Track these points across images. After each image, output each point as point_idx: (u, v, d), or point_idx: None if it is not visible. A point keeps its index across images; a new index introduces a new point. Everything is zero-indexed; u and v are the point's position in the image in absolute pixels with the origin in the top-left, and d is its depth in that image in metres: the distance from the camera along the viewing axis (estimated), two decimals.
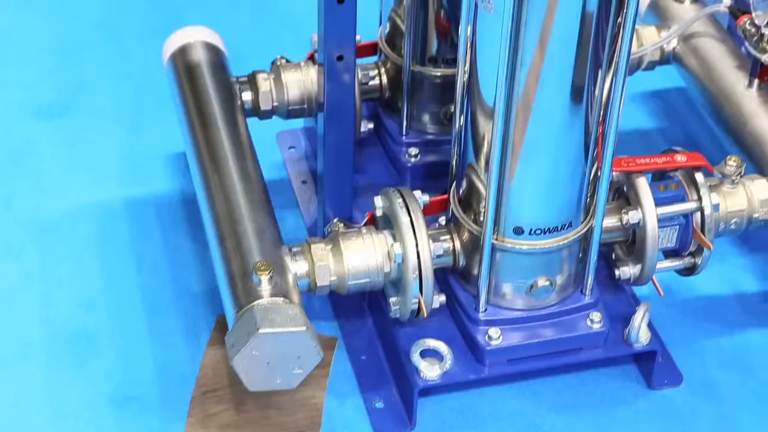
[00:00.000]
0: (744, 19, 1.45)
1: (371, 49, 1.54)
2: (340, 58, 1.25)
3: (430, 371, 1.28)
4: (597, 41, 1.14)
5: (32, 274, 1.48)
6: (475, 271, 1.28)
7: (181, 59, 1.47)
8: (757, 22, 1.43)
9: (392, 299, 1.28)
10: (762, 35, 1.43)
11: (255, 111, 1.47)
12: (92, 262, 1.50)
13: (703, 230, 1.32)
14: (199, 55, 1.47)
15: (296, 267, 1.25)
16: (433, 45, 1.45)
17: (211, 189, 1.32)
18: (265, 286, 1.20)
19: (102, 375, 1.36)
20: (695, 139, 1.68)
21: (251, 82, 1.47)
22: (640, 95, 1.76)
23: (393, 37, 1.49)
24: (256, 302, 1.19)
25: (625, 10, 1.13)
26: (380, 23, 1.51)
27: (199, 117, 1.40)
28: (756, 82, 1.47)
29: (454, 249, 1.30)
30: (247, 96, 1.46)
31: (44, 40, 1.83)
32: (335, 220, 1.33)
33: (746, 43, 1.45)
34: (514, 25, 1.10)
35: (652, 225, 1.30)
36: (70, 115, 1.71)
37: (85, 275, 1.48)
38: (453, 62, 1.40)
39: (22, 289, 1.46)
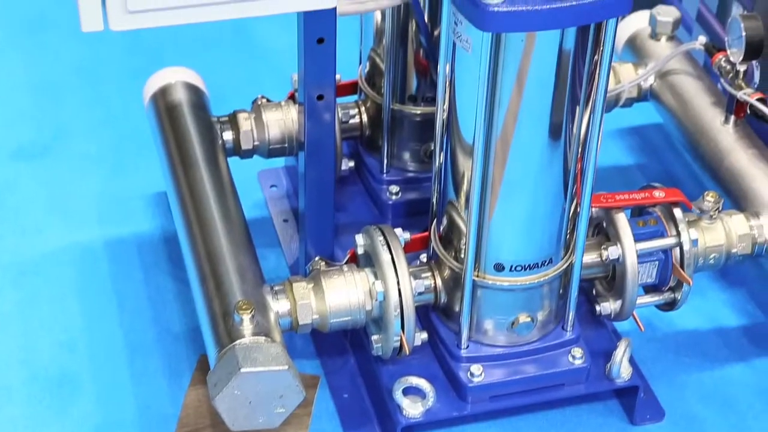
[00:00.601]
0: (719, 57, 1.47)
1: (351, 88, 1.54)
2: (320, 97, 1.26)
3: (412, 409, 1.28)
4: (574, 79, 1.15)
5: (11, 315, 1.47)
6: (457, 308, 1.29)
7: (162, 99, 1.48)
8: (732, 59, 1.45)
9: (374, 337, 1.28)
10: (737, 72, 1.45)
11: (236, 150, 1.48)
12: (72, 303, 1.49)
13: (682, 265, 1.33)
14: (180, 96, 1.48)
15: (278, 306, 1.25)
16: (413, 84, 1.46)
17: (192, 228, 1.32)
18: (246, 326, 1.20)
19: (83, 417, 1.35)
20: (673, 175, 1.69)
21: (232, 121, 1.47)
22: (618, 132, 1.77)
23: (373, 77, 1.50)
24: (237, 341, 1.19)
25: (601, 49, 1.14)
26: (360, 62, 1.52)
27: (180, 157, 1.40)
28: (732, 118, 1.48)
29: (435, 286, 1.30)
30: (228, 135, 1.47)
31: (24, 82, 1.84)
32: (317, 258, 1.33)
33: (722, 80, 1.47)
34: (491, 64, 1.12)
35: (631, 260, 1.31)
36: (50, 156, 1.71)
37: (66, 316, 1.47)
38: (432, 101, 1.41)
39: (2, 331, 1.45)
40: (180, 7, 1.04)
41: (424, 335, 1.30)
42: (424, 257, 1.34)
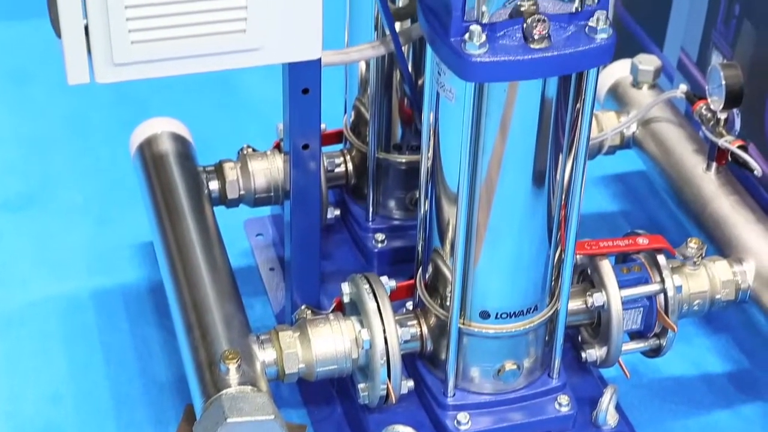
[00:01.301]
0: (700, 105, 1.49)
1: (336, 137, 1.55)
2: (305, 146, 1.27)
3: None
4: (557, 127, 1.16)
5: None
6: (443, 356, 1.29)
7: (148, 150, 1.49)
8: (712, 107, 1.46)
9: (361, 385, 1.28)
10: (718, 120, 1.46)
11: (222, 199, 1.48)
12: (58, 354, 1.49)
13: (666, 312, 1.34)
14: (166, 146, 1.48)
15: (264, 355, 1.25)
16: (398, 132, 1.47)
17: (178, 278, 1.32)
18: (233, 375, 1.20)
19: None
20: (657, 222, 1.71)
21: (218, 171, 1.48)
22: (602, 179, 1.78)
23: (358, 125, 1.51)
24: (224, 391, 1.18)
25: (583, 97, 1.15)
26: (345, 112, 1.53)
27: (166, 207, 1.41)
28: (714, 165, 1.49)
29: (421, 334, 1.30)
30: (214, 185, 1.47)
31: (11, 134, 1.84)
32: (303, 307, 1.34)
33: (703, 128, 1.49)
34: (474, 113, 1.13)
35: (616, 307, 1.31)
36: (36, 207, 1.71)
37: (52, 368, 1.47)
38: (417, 149, 1.42)
39: None
40: (165, 60, 1.05)
41: (411, 383, 1.30)
42: (410, 305, 1.35)
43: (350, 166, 1.53)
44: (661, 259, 1.35)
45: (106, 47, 1.02)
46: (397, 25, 1.34)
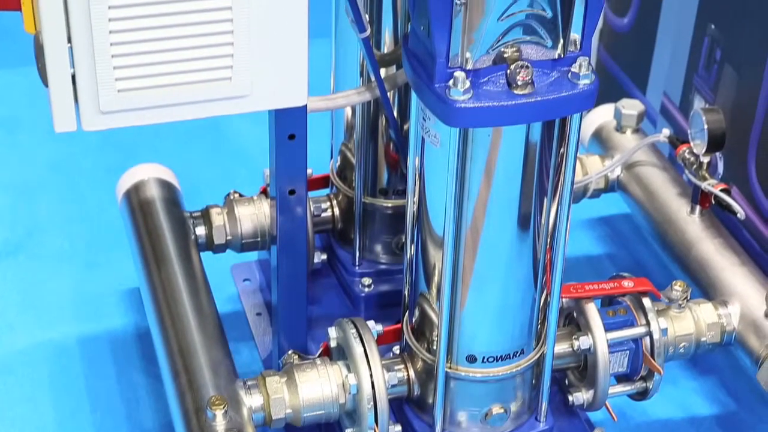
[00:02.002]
0: (683, 148, 1.50)
1: (323, 181, 1.56)
2: (292, 192, 1.27)
3: None
4: (541, 171, 1.17)
5: None
6: (430, 400, 1.29)
7: (135, 196, 1.49)
8: (695, 151, 1.48)
9: (348, 430, 1.28)
10: (701, 163, 1.48)
11: (209, 245, 1.48)
12: (45, 401, 1.48)
13: (653, 354, 1.34)
14: (153, 192, 1.49)
15: (251, 400, 1.25)
16: (384, 177, 1.48)
17: (165, 324, 1.32)
18: (219, 421, 1.19)
19: None
20: (642, 264, 1.71)
21: (205, 216, 1.48)
22: (587, 222, 1.79)
23: (344, 170, 1.52)
24: None
25: (566, 142, 1.16)
26: (331, 157, 1.54)
27: (152, 253, 1.41)
28: (698, 208, 1.50)
29: (408, 378, 1.30)
30: (200, 230, 1.48)
31: None
32: (290, 352, 1.34)
33: (687, 171, 1.50)
34: (459, 158, 1.13)
35: (602, 350, 1.31)
36: (23, 254, 1.71)
37: (39, 415, 1.46)
38: (403, 193, 1.43)
39: None
40: (152, 107, 1.05)
41: (398, 428, 1.29)
42: (397, 349, 1.35)
43: (337, 211, 1.54)
44: (646, 302, 1.35)
45: (92, 95, 1.03)
46: (383, 71, 1.36)
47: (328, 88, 1.46)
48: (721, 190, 1.45)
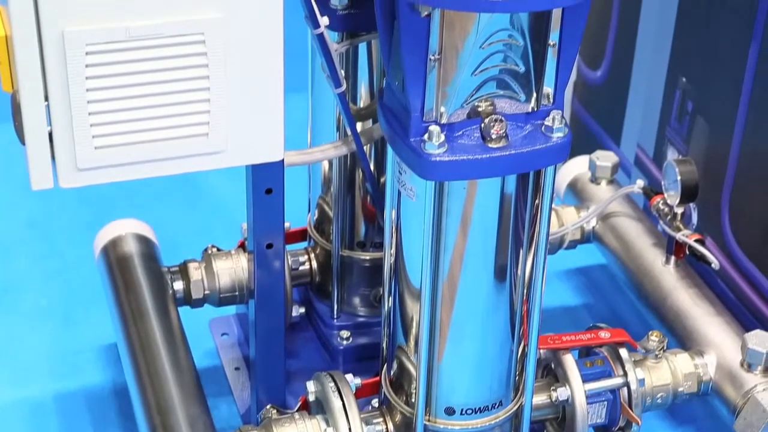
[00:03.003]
0: (657, 199, 1.52)
1: (301, 235, 1.57)
2: (269, 246, 1.28)
3: None
4: (517, 223, 1.18)
5: None
6: None
7: (113, 252, 1.49)
8: (669, 202, 1.49)
9: None
10: (675, 214, 1.49)
11: (187, 300, 1.48)
12: None
13: (630, 405, 1.34)
14: (130, 247, 1.49)
15: None
16: (361, 230, 1.49)
17: (142, 380, 1.32)
18: None
19: None
20: (619, 314, 1.72)
21: (182, 271, 1.49)
22: (564, 272, 1.80)
23: (321, 223, 1.53)
24: None
25: (541, 193, 1.17)
26: (309, 210, 1.55)
27: (130, 308, 1.41)
28: (673, 259, 1.52)
29: (387, 431, 1.30)
30: (178, 285, 1.47)
31: None
32: (268, 407, 1.33)
33: (661, 222, 1.51)
34: (435, 211, 1.14)
35: (580, 401, 1.32)
36: (0, 311, 1.70)
37: None
38: (381, 246, 1.43)
39: None
40: (129, 164, 1.06)
41: None
42: (375, 402, 1.35)
43: (315, 264, 1.54)
44: (623, 352, 1.36)
45: (70, 153, 1.04)
46: (359, 125, 1.37)
47: (305, 142, 1.47)
48: (696, 241, 1.47)
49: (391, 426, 1.30)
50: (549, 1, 1.01)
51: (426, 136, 1.10)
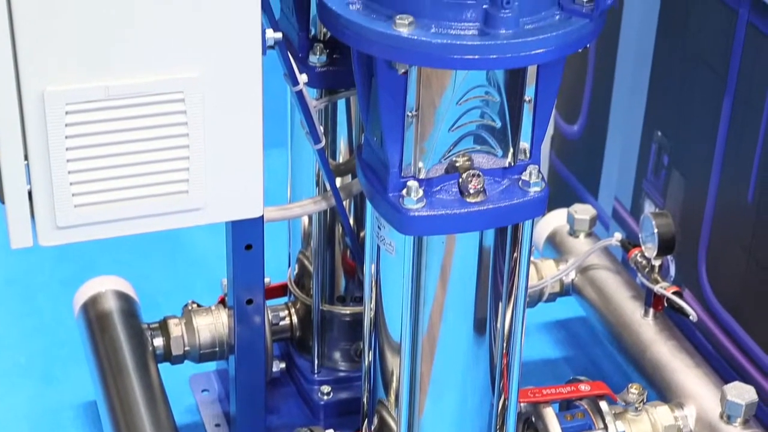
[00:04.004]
0: (635, 252, 1.52)
1: (281, 290, 1.57)
2: (249, 301, 1.28)
3: None
4: (495, 277, 1.18)
5: None
6: None
7: (92, 309, 1.49)
8: (647, 254, 1.50)
9: None
10: (653, 267, 1.50)
11: (167, 356, 1.48)
12: None
13: None
14: (110, 304, 1.49)
15: None
16: (341, 284, 1.49)
17: None
18: None
19: None
20: (599, 367, 1.72)
21: (162, 327, 1.48)
22: (544, 325, 1.81)
23: (302, 278, 1.53)
24: None
25: (519, 247, 1.18)
26: (289, 265, 1.55)
27: (109, 365, 1.40)
28: (651, 311, 1.52)
29: None
30: (158, 342, 1.47)
31: None
32: None
33: (639, 275, 1.52)
34: (414, 265, 1.15)
35: None
36: None
37: None
38: (361, 300, 1.44)
39: None
40: (109, 222, 1.06)
41: None
42: None
43: (295, 319, 1.54)
44: (603, 405, 1.36)
45: (49, 211, 1.04)
46: (338, 181, 1.38)
47: (285, 197, 1.48)
48: (673, 293, 1.48)
49: None
50: (524, 59, 1.03)
51: (404, 192, 1.11)
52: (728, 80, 1.48)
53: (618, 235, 1.57)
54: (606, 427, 1.35)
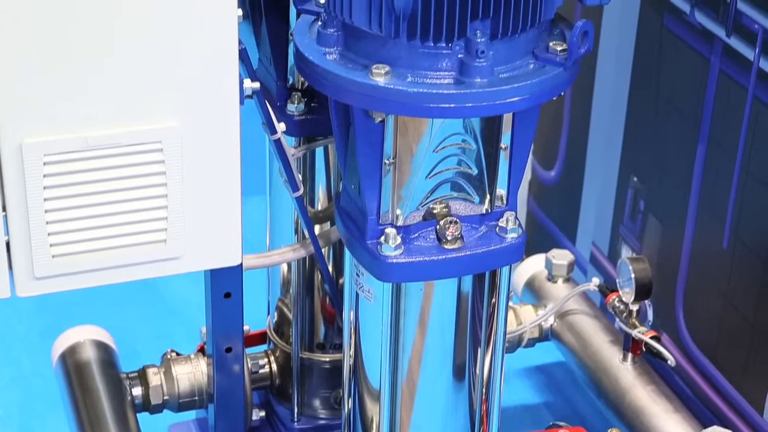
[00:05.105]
0: (613, 297, 1.53)
1: (260, 338, 1.56)
2: (228, 349, 1.28)
3: None
4: (474, 322, 1.19)
5: None
6: None
7: (71, 359, 1.48)
8: (624, 299, 1.51)
9: None
10: (630, 311, 1.51)
11: (146, 406, 1.47)
12: None
13: None
14: (88, 354, 1.48)
15: None
16: (320, 332, 1.49)
17: None
18: None
19: None
20: (579, 412, 1.72)
21: (141, 377, 1.47)
22: (524, 371, 1.81)
23: (281, 325, 1.53)
24: None
25: (497, 292, 1.19)
26: (268, 312, 1.55)
27: (88, 416, 1.39)
28: (630, 356, 1.53)
29: None
30: (137, 391, 1.46)
31: None
32: None
33: (617, 319, 1.53)
34: (393, 312, 1.15)
35: None
36: None
37: None
38: (340, 347, 1.44)
39: None
40: (87, 272, 1.06)
41: None
42: None
43: (274, 367, 1.54)
44: None
45: (27, 262, 1.04)
46: (317, 228, 1.38)
47: (264, 244, 1.48)
48: (651, 338, 1.48)
49: None
50: (499, 107, 1.04)
51: (382, 239, 1.12)
52: (701, 126, 1.49)
53: (596, 280, 1.58)
54: None
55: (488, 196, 1.14)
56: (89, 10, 0.98)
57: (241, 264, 1.17)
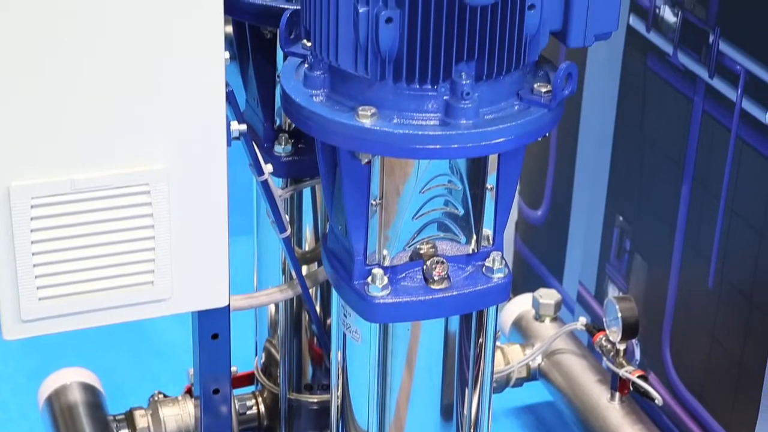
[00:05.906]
0: (600, 336, 1.54)
1: (248, 379, 1.56)
2: (216, 391, 1.27)
3: None
4: (461, 362, 1.19)
5: None
6: None
7: (57, 401, 1.48)
8: (611, 338, 1.51)
9: None
10: (618, 351, 1.51)
11: None
12: None
13: None
14: (75, 396, 1.48)
15: None
16: (308, 372, 1.49)
17: None
18: None
19: None
20: None
21: (128, 419, 1.47)
22: (512, 410, 1.80)
23: (269, 367, 1.52)
24: None
25: (484, 332, 1.19)
26: (256, 353, 1.55)
27: None
28: (617, 395, 1.53)
29: None
30: None
31: None
32: None
33: (605, 359, 1.53)
34: (380, 352, 1.15)
35: None
36: None
37: None
38: (328, 388, 1.43)
39: None
40: (75, 314, 1.06)
41: None
42: None
43: (262, 408, 1.54)
44: None
45: (14, 304, 1.04)
46: (304, 269, 1.38)
47: (251, 285, 1.48)
48: (639, 377, 1.48)
49: None
50: (484, 148, 1.05)
51: (369, 279, 1.12)
52: (686, 166, 1.51)
53: (583, 320, 1.58)
54: None
55: (474, 236, 1.15)
56: (77, 52, 0.99)
57: (229, 305, 1.17)
